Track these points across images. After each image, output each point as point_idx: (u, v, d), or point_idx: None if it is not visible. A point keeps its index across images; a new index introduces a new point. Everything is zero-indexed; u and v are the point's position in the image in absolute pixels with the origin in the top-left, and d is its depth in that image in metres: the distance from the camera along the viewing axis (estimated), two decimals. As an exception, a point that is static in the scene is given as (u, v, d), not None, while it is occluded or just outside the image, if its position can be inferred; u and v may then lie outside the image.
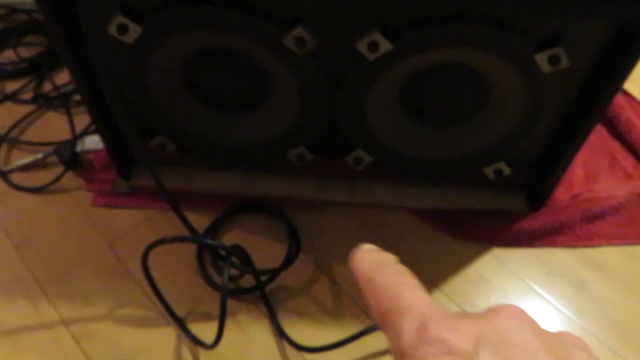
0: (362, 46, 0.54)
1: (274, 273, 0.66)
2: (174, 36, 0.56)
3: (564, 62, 0.54)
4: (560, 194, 0.74)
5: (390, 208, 0.75)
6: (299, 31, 0.53)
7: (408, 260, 0.70)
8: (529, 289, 0.68)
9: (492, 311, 0.20)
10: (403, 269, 0.22)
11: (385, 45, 0.53)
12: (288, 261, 0.68)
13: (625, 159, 0.81)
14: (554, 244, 0.72)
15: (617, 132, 0.84)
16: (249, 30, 0.54)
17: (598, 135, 0.84)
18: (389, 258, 0.23)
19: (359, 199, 0.74)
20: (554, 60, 0.54)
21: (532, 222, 0.72)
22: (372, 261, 0.23)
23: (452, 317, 0.19)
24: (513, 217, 0.73)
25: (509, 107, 0.62)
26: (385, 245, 0.71)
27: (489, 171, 0.69)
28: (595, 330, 0.64)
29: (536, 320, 0.20)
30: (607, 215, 0.73)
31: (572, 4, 0.48)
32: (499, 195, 0.74)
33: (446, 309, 0.20)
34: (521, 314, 0.20)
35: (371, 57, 0.55)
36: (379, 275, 0.22)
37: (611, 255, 0.71)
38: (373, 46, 0.53)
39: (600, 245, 0.72)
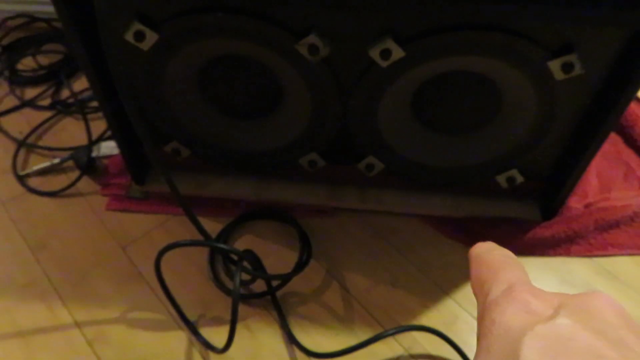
0: (375, 53, 0.54)
1: (285, 278, 0.67)
2: (189, 43, 0.57)
3: (578, 70, 0.53)
4: (574, 203, 0.73)
5: (402, 215, 0.75)
6: (312, 38, 0.54)
7: (419, 267, 0.70)
8: (541, 298, 0.67)
9: (583, 293, 0.20)
10: (511, 254, 0.24)
11: (397, 53, 0.54)
12: (299, 267, 0.68)
13: (641, 168, 0.80)
14: (567, 254, 0.71)
15: (632, 141, 0.83)
16: (263, 37, 0.55)
17: (612, 144, 0.83)
18: (501, 248, 0.25)
19: (370, 206, 0.74)
20: (567, 67, 0.53)
21: (545, 231, 0.71)
22: (487, 247, 0.25)
23: (539, 288, 0.21)
24: (526, 225, 0.72)
25: (521, 114, 0.61)
26: (397, 252, 0.71)
27: (501, 179, 0.69)
28: (610, 341, 0.63)
29: (625, 310, 0.20)
30: (622, 224, 0.72)
31: (585, 11, 0.48)
32: (512, 203, 0.73)
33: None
34: (609, 299, 0.20)
35: (383, 64, 0.55)
36: (486, 253, 0.24)
37: (626, 265, 0.70)
38: (385, 53, 0.54)
39: (614, 254, 0.71)
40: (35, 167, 0.81)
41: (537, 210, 0.73)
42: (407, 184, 0.73)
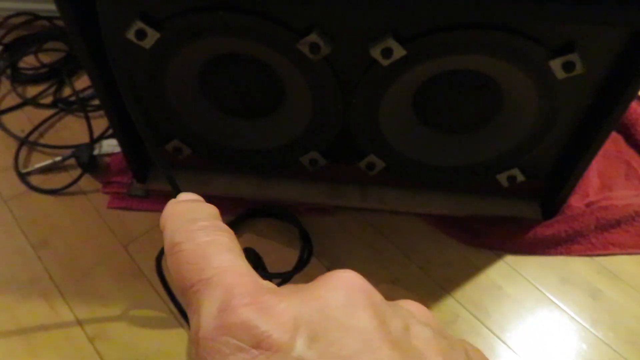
0: (376, 52, 0.54)
1: (287, 277, 0.67)
2: (191, 42, 0.57)
3: (579, 69, 0.53)
4: (575, 202, 0.73)
5: (403, 214, 0.75)
6: (313, 37, 0.54)
7: (420, 265, 0.70)
8: (542, 297, 0.67)
9: (320, 280, 0.15)
10: (220, 225, 0.17)
11: (399, 51, 0.54)
12: (300, 265, 0.69)
13: (642, 168, 0.80)
14: (568, 252, 0.71)
15: (633, 140, 0.83)
16: (265, 36, 0.55)
17: (614, 143, 0.83)
18: (205, 210, 0.18)
19: (371, 204, 0.74)
20: (568, 66, 0.53)
21: (546, 230, 0.71)
22: (183, 215, 0.17)
23: (265, 292, 0.15)
24: (527, 224, 0.72)
25: (522, 113, 0.61)
26: (398, 250, 0.71)
27: (502, 178, 0.69)
28: (610, 340, 0.63)
29: (371, 288, 0.16)
30: (623, 223, 0.72)
31: (586, 10, 0.48)
32: (513, 202, 0.73)
33: (261, 281, 0.15)
34: (353, 283, 0.15)
35: (385, 62, 0.55)
36: (185, 235, 0.17)
37: (627, 264, 0.70)
38: (387, 52, 0.54)
39: (615, 253, 0.71)
40: (37, 165, 0.81)
41: (538, 209, 0.73)
42: (407, 183, 0.73)
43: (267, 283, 0.16)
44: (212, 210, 0.18)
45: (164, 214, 0.18)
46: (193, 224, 0.17)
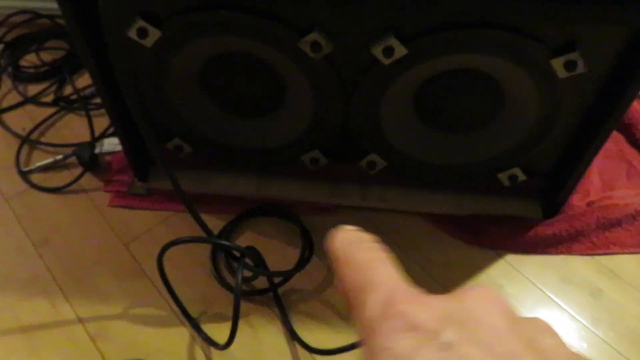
0: (377, 51, 0.54)
1: (287, 275, 0.67)
2: (192, 40, 0.57)
3: (580, 68, 0.53)
4: (576, 201, 0.73)
5: (403, 213, 0.75)
6: (314, 36, 0.54)
7: (420, 264, 0.70)
8: (543, 296, 0.67)
9: (464, 291, 0.19)
10: (380, 247, 0.22)
11: (400, 50, 0.54)
12: (301, 264, 0.69)
13: (643, 167, 0.80)
14: (569, 252, 0.71)
15: (635, 140, 0.83)
16: (266, 34, 0.55)
17: (615, 143, 0.83)
18: (367, 237, 0.23)
19: (372, 203, 0.74)
20: (570, 65, 0.53)
21: (547, 229, 0.71)
22: (349, 239, 0.22)
23: (420, 293, 0.19)
24: (528, 223, 0.72)
25: (524, 112, 0.61)
26: (399, 250, 0.71)
27: (503, 177, 0.69)
28: (611, 339, 0.63)
29: (510, 304, 0.19)
30: (624, 223, 0.72)
31: (588, 9, 0.48)
32: (514, 201, 0.73)
33: (416, 288, 0.19)
34: (493, 296, 0.19)
35: (386, 61, 0.55)
36: (354, 251, 0.21)
37: (627, 263, 0.70)
38: (388, 51, 0.54)
39: (616, 253, 0.71)
40: (38, 164, 0.81)
41: (539, 208, 0.73)
42: (409, 182, 0.73)
43: (418, 289, 0.19)
44: (372, 236, 0.23)
45: (332, 236, 0.23)
46: (360, 243, 0.22)
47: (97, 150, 0.81)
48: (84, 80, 0.97)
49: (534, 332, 0.18)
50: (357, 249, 0.21)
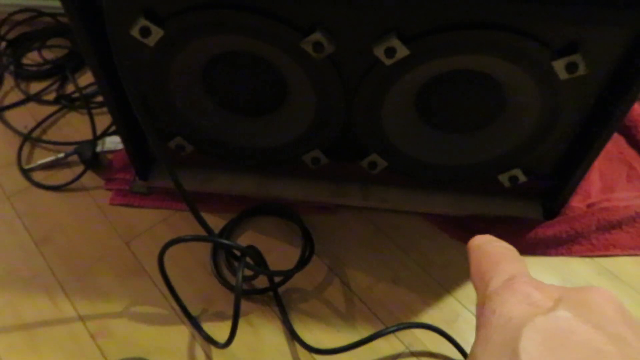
0: (379, 51, 0.54)
1: (288, 275, 0.67)
2: (194, 39, 0.57)
3: (582, 70, 0.53)
4: (576, 202, 0.73)
5: (404, 213, 0.75)
6: (317, 36, 0.54)
7: (421, 265, 0.70)
8: (543, 298, 0.67)
9: (584, 287, 0.20)
10: (510, 247, 0.25)
11: (402, 51, 0.54)
12: (301, 263, 0.69)
13: (644, 169, 0.80)
14: (569, 253, 0.71)
15: (635, 142, 0.83)
16: (268, 34, 0.55)
17: (616, 145, 0.83)
18: (501, 240, 0.26)
19: (373, 203, 0.74)
20: (571, 67, 0.53)
21: (547, 231, 0.72)
22: (486, 239, 0.26)
23: (540, 281, 0.21)
24: (528, 225, 0.72)
25: (525, 114, 0.61)
26: (399, 249, 0.72)
27: (504, 178, 0.69)
28: (610, 341, 0.63)
29: (622, 304, 0.20)
30: (624, 225, 0.72)
31: (590, 11, 0.48)
32: (514, 202, 0.73)
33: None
34: (608, 294, 0.20)
35: (388, 62, 0.55)
36: (487, 244, 0.25)
37: (628, 265, 0.70)
38: (390, 51, 0.54)
39: (616, 255, 0.71)
40: (40, 161, 0.82)
41: (539, 209, 0.73)
42: (409, 182, 0.73)
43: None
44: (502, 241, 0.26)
45: (473, 238, 0.26)
46: (493, 242, 0.25)
47: (98, 149, 0.81)
48: (86, 78, 0.97)
49: None
50: (490, 245, 0.25)
